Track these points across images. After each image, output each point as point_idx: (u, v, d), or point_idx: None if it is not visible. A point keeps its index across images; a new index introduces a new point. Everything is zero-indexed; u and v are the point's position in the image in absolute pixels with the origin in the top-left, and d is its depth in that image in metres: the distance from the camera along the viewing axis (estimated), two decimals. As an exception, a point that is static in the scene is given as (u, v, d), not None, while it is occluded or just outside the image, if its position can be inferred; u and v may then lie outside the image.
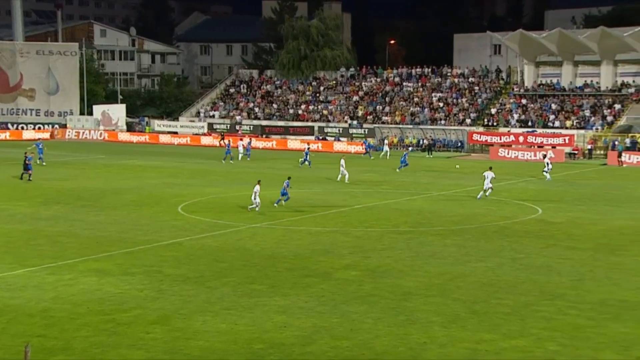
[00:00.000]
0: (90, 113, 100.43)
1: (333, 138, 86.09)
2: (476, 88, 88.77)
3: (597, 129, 75.89)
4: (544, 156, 60.21)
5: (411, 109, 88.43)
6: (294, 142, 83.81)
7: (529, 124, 79.59)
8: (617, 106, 77.89)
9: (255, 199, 39.18)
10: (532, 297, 24.52)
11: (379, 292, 25.02)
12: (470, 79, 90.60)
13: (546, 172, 54.67)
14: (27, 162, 52.30)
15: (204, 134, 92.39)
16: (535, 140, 75.35)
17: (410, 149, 78.22)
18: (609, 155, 69.18)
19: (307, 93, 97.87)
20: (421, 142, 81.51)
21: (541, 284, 26.18)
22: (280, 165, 64.07)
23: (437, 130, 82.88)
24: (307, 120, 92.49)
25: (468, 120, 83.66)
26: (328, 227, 36.44)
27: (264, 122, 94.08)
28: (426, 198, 46.87)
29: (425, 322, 21.89)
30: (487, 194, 45.25)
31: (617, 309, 23.30)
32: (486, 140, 78.16)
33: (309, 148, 67.52)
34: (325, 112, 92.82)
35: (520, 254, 30.87)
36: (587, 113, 78.60)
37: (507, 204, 44.28)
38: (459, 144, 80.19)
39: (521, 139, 75.96)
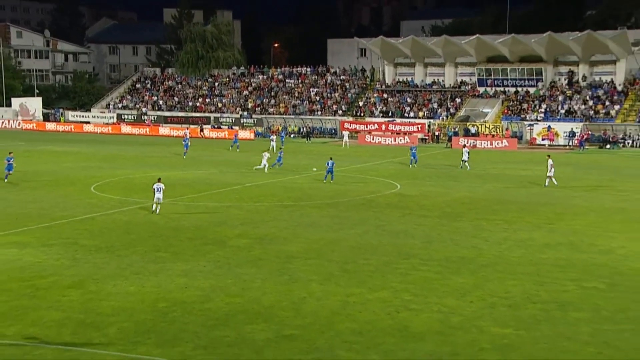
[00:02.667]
0: (9, 105, 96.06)
1: (227, 127, 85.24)
2: (347, 84, 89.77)
3: (443, 118, 78.21)
4: (464, 146, 56.63)
5: (293, 101, 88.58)
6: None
7: (390, 114, 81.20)
8: (458, 100, 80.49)
9: None
10: (391, 257, 25.10)
11: (266, 256, 25.07)
12: (341, 77, 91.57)
13: (465, 161, 51.52)
14: None
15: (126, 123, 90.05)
16: (395, 128, 77.00)
17: (292, 136, 78.61)
18: (452, 140, 71.50)
19: (204, 88, 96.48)
20: (301, 130, 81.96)
21: (399, 246, 26.82)
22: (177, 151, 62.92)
23: (314, 120, 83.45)
24: (204, 112, 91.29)
25: (340, 111, 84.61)
26: (223, 203, 36.15)
27: (167, 113, 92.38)
28: (306, 177, 47.13)
29: (305, 280, 22.10)
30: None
31: (458, 264, 24.19)
32: (355, 128, 79.25)
33: (237, 135, 67.61)
34: (219, 104, 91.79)
35: (382, 222, 31.49)
36: (435, 105, 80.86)
37: (372, 181, 45.07)
38: (333, 131, 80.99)
39: (383, 127, 77.51)
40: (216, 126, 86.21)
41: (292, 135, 79.90)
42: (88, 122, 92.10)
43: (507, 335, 17.45)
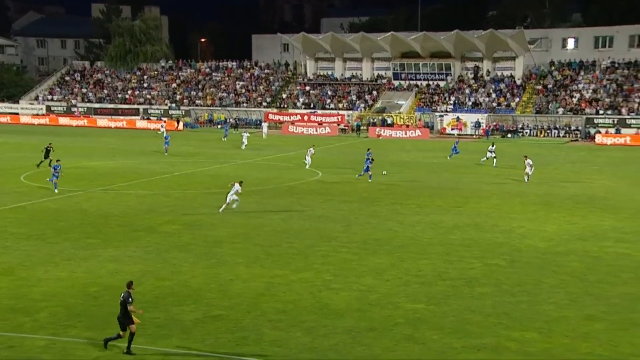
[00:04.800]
0: None
1: (156, 118, 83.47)
2: (271, 78, 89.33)
3: (361, 110, 78.99)
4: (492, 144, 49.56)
5: (219, 94, 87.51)
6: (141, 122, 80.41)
7: (311, 106, 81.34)
8: (375, 93, 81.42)
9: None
10: (313, 240, 25.25)
11: (194, 241, 24.79)
12: (265, 71, 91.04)
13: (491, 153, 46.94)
14: None
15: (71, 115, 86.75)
16: (316, 119, 77.22)
17: (219, 127, 77.75)
18: (370, 130, 72.36)
19: (133, 81, 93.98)
20: (228, 121, 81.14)
21: (320, 229, 26.99)
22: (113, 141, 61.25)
23: (240, 111, 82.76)
24: (134, 104, 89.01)
25: (264, 103, 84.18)
26: (152, 191, 35.46)
27: (96, 105, 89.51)
28: (233, 165, 46.76)
29: (232, 263, 21.98)
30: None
31: (375, 245, 24.57)
32: (279, 119, 79.07)
33: (226, 120, 65.07)
34: (148, 96, 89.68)
35: (305, 207, 31.60)
36: (354, 98, 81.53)
37: (295, 169, 45.12)
38: (258, 122, 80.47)
39: (306, 117, 77.64)
40: (145, 117, 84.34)
41: (219, 126, 79.01)
42: (17, 114, 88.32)
43: (419, 310, 17.87)
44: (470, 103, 74.79)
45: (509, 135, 68.73)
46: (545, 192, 35.89)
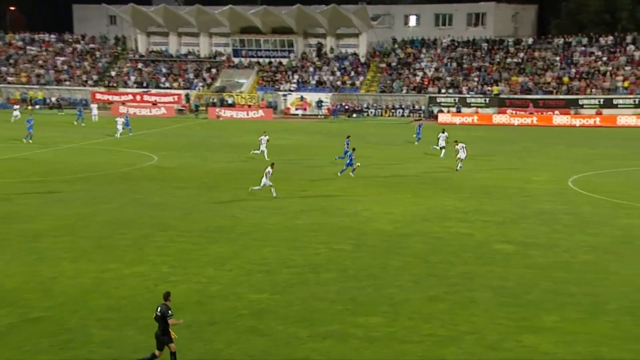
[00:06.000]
0: None
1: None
2: (97, 53, 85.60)
3: (199, 89, 77.99)
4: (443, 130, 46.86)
5: (36, 70, 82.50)
6: None
7: (144, 84, 79.06)
8: (214, 70, 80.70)
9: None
10: (149, 229, 24.71)
11: (10, 236, 23.35)
12: (90, 45, 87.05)
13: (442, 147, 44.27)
14: None
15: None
16: (150, 98, 75.20)
17: (37, 107, 73.50)
18: (209, 111, 71.69)
19: None
20: (48, 101, 76.90)
21: (157, 218, 26.47)
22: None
23: (62, 90, 78.62)
24: None
25: (90, 82, 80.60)
26: (-42, 181, 32.87)
27: None
28: (55, 150, 44.45)
29: (56, 259, 20.98)
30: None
31: (216, 233, 24.49)
32: (108, 99, 76.10)
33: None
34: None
35: (140, 194, 30.82)
36: (191, 76, 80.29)
37: (128, 154, 43.76)
38: (84, 102, 76.90)
39: (138, 97, 75.33)
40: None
41: (37, 107, 74.57)
42: None
43: (264, 300, 18.09)
44: (314, 82, 76.33)
45: (354, 115, 71.00)
46: (390, 173, 37.53)
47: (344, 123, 66.03)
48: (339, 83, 75.75)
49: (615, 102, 64.17)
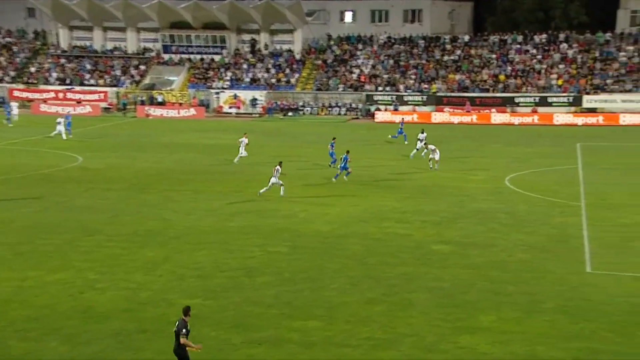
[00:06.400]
0: None
1: None
2: (14, 48, 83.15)
3: (127, 86, 76.66)
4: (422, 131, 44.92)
5: (-52, 66, 79.68)
6: None
7: (67, 81, 77.21)
8: (142, 67, 79.47)
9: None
10: (74, 234, 24.24)
11: None
12: (7, 39, 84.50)
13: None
14: None
15: None
16: (74, 96, 73.52)
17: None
18: (138, 109, 70.58)
19: None
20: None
21: (83, 222, 25.97)
22: None
23: (-24, 87, 76.13)
24: None
25: (7, 78, 78.26)
26: None
27: None
28: (-31, 151, 43.02)
29: (-30, 268, 20.31)
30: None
31: (146, 237, 24.19)
32: (27, 97, 74.03)
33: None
34: None
35: (63, 197, 30.18)
36: (118, 73, 78.86)
37: (49, 155, 42.72)
38: (1, 100, 74.58)
39: (61, 95, 73.55)
40: None
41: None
42: None
43: (196, 305, 17.85)
44: (248, 79, 76.05)
45: (290, 113, 71.09)
46: (328, 173, 37.72)
47: (280, 122, 66.06)
48: (273, 80, 75.69)
49: (550, 100, 66.10)
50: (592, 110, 63.92)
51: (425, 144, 42.02)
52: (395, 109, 68.71)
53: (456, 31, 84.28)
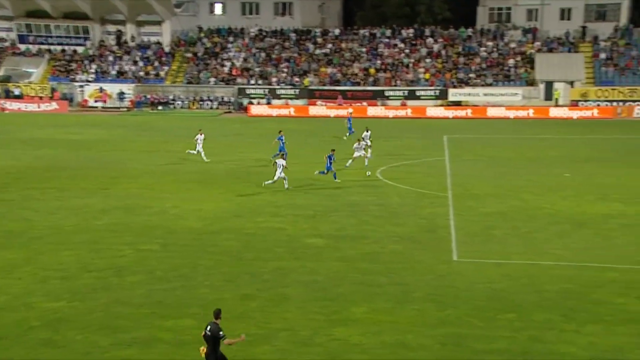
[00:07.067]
0: None
1: None
2: None
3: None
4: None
5: None
6: None
7: None
8: (-1, 58, 75.44)
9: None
10: None
11: None
12: None
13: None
14: None
15: None
16: None
17: None
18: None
19: None
20: None
21: None
22: None
23: None
24: None
25: None
26: None
27: None
28: None
29: None
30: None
31: (5, 239, 23.12)
32: None
33: None
34: None
35: None
36: (-29, 64, 74.37)
37: None
38: None
39: None
40: None
41: None
42: None
43: (60, 308, 17.29)
44: (114, 72, 73.81)
45: (160, 107, 69.67)
46: (200, 169, 37.31)
47: (149, 116, 64.62)
48: (142, 73, 73.88)
49: (418, 93, 68.36)
50: (457, 104, 66.67)
51: (367, 145, 39.60)
52: (268, 102, 68.87)
53: (326, 25, 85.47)
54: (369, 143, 40.14)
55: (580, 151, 43.15)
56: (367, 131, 42.20)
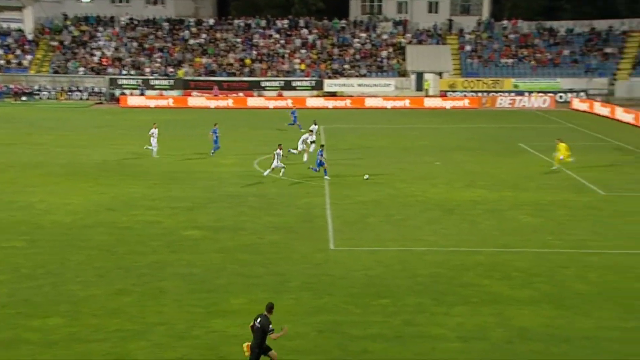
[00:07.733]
0: None
1: None
2: None
3: None
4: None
5: None
6: None
7: None
8: None
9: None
10: None
11: None
12: None
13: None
14: None
15: None
16: None
17: None
18: None
19: None
20: None
21: None
22: None
23: None
24: None
25: None
26: None
27: None
28: None
29: None
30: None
31: None
32: None
33: None
34: None
35: None
36: None
37: None
38: None
39: None
40: None
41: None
42: None
43: None
44: (-28, 60, 69.75)
45: (24, 98, 66.48)
46: (69, 161, 35.97)
47: (12, 107, 61.53)
48: (2, 62, 70.21)
49: (294, 84, 68.75)
50: (333, 94, 67.58)
51: (312, 141, 38.96)
52: (142, 93, 67.18)
53: (201, 14, 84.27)
54: (314, 138, 39.66)
55: (450, 140, 44.82)
56: (315, 125, 41.73)
